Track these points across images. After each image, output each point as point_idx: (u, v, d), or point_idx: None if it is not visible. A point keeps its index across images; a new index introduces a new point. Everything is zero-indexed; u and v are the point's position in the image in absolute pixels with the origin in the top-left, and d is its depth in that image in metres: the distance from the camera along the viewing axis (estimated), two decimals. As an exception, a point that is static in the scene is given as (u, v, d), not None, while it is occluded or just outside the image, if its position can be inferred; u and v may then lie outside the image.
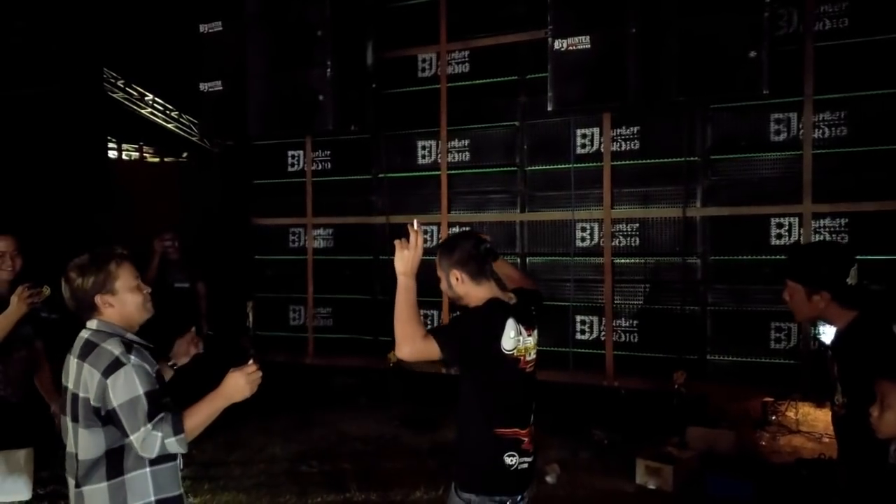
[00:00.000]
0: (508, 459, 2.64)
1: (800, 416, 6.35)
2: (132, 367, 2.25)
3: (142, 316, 2.49)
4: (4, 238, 3.68)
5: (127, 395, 2.22)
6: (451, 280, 2.69)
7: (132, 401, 2.22)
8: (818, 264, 2.61)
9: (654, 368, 5.90)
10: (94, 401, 2.25)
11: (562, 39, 5.03)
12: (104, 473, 2.29)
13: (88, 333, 2.40)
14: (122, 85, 11.12)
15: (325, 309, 7.18)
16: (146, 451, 2.24)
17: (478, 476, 2.67)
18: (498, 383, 2.65)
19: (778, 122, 5.48)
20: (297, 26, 5.58)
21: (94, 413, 2.26)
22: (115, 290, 2.41)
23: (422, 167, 6.73)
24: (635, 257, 5.97)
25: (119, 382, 2.23)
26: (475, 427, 2.68)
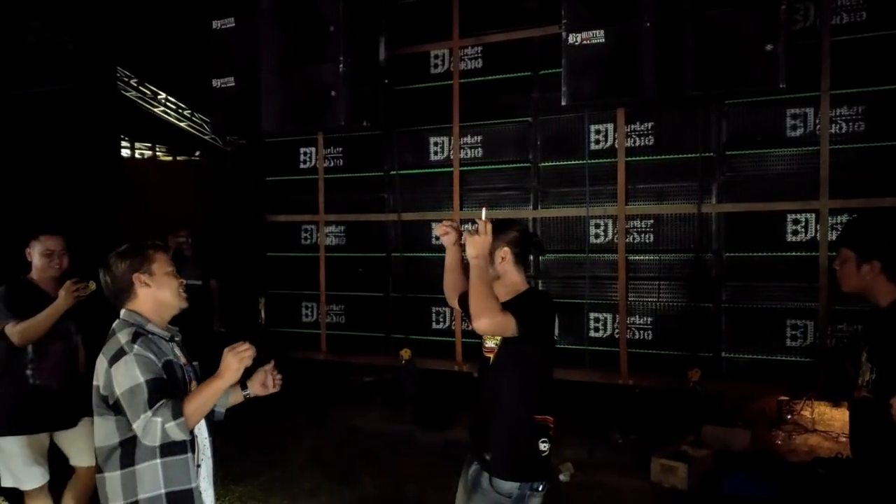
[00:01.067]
0: (542, 445, 2.72)
1: (816, 415, 6.31)
2: (133, 357, 2.28)
3: (178, 302, 2.54)
4: (54, 238, 3.84)
5: (128, 384, 2.26)
6: (497, 256, 2.76)
7: (133, 389, 2.25)
8: (874, 234, 2.61)
9: (668, 366, 5.85)
10: (102, 389, 2.31)
11: (576, 33, 4.99)
12: (118, 462, 2.32)
13: (114, 324, 2.45)
14: (135, 84, 11.18)
15: (337, 306, 7.17)
16: (148, 438, 2.25)
17: (520, 464, 2.72)
18: (546, 369, 2.77)
19: (794, 117, 5.42)
20: (309, 22, 5.56)
21: (103, 401, 2.31)
22: (153, 271, 2.48)
23: (434, 164, 6.70)
24: (649, 254, 5.92)
25: (120, 371, 2.27)
26: (520, 414, 2.73)
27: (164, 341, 2.47)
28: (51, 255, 3.79)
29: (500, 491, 2.67)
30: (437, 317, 6.72)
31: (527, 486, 2.68)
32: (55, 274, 3.80)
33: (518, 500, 2.67)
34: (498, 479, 2.69)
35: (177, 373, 2.44)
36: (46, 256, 3.78)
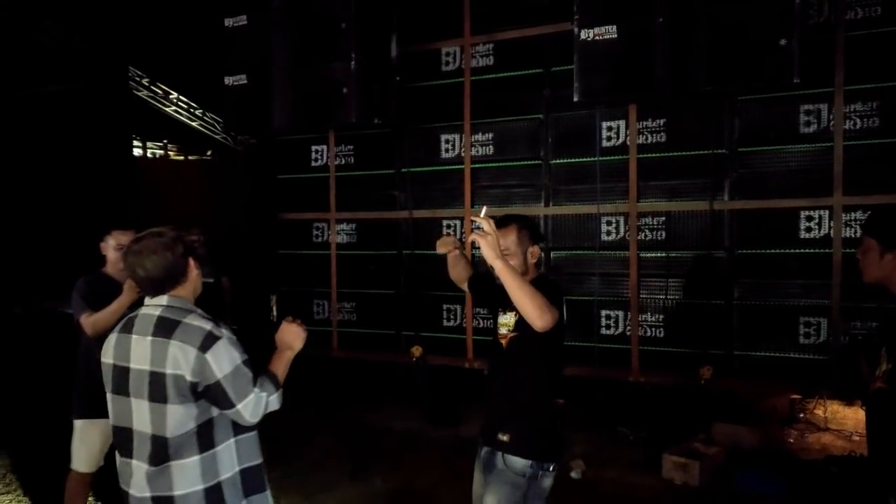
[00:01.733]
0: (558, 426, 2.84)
1: (828, 413, 6.26)
2: (227, 340, 2.29)
3: (199, 290, 2.53)
4: (126, 233, 3.91)
5: (230, 366, 2.26)
6: (529, 255, 2.86)
7: (235, 371, 2.27)
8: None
9: (680, 363, 5.84)
10: (191, 376, 2.24)
11: (588, 29, 4.98)
12: (196, 447, 2.29)
13: (160, 310, 2.37)
14: (146, 83, 11.24)
15: (349, 303, 7.19)
16: (254, 415, 2.30)
17: (538, 443, 2.78)
18: (562, 353, 2.84)
19: (808, 113, 5.40)
20: (321, 19, 5.58)
21: (191, 389, 2.25)
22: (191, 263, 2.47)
23: (445, 161, 6.71)
24: (661, 251, 5.91)
25: (220, 356, 2.26)
26: (539, 396, 2.82)
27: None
28: (122, 249, 3.80)
29: (514, 469, 2.74)
30: (448, 314, 6.73)
31: (539, 466, 2.75)
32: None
33: (532, 479, 2.74)
34: (512, 456, 2.75)
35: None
36: (118, 250, 3.86)
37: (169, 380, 2.26)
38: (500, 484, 2.78)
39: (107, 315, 3.68)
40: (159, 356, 2.28)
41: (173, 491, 2.29)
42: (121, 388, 2.38)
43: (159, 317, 2.35)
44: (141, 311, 2.41)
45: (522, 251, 2.83)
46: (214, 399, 2.27)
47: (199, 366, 2.24)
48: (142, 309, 2.42)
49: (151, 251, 2.39)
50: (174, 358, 2.25)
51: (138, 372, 2.32)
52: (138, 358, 2.33)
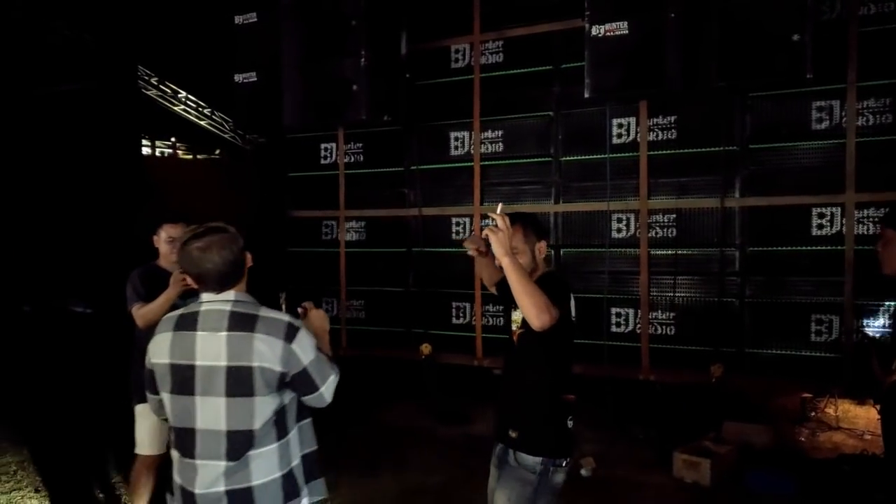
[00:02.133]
0: (569, 423, 2.80)
1: (840, 412, 6.23)
2: (304, 330, 2.33)
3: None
4: (176, 226, 3.98)
5: (312, 354, 2.30)
6: (537, 251, 2.87)
7: (317, 357, 2.31)
8: None
9: (690, 361, 5.82)
10: (280, 367, 2.24)
11: (599, 25, 4.97)
12: (275, 435, 2.31)
13: (230, 305, 2.32)
14: (155, 82, 11.27)
15: (357, 301, 7.19)
16: (331, 394, 2.38)
17: (547, 439, 2.77)
18: (569, 348, 2.84)
19: (820, 109, 5.37)
20: (331, 16, 5.58)
21: (279, 379, 2.26)
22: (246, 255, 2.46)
23: (454, 158, 6.70)
24: (672, 248, 5.89)
25: (304, 344, 2.29)
26: (547, 392, 2.80)
27: None
28: (173, 242, 3.93)
29: (524, 466, 2.73)
30: (458, 312, 6.72)
31: (550, 462, 2.73)
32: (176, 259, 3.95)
33: (542, 475, 2.73)
34: (522, 453, 2.75)
35: None
36: (169, 243, 3.94)
37: (256, 372, 2.24)
38: (511, 480, 2.78)
39: (154, 308, 3.75)
40: (241, 350, 2.25)
41: (252, 482, 2.28)
42: (184, 388, 2.31)
43: (232, 312, 2.30)
44: (203, 308, 2.33)
45: (530, 248, 2.83)
46: (300, 386, 2.31)
47: (287, 356, 2.25)
48: (202, 306, 2.34)
49: (220, 246, 2.35)
50: (260, 351, 2.24)
51: (209, 369, 2.27)
52: (209, 355, 2.27)
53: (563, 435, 2.79)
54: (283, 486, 2.32)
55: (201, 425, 2.29)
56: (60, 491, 4.89)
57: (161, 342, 2.36)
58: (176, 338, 2.33)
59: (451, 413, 6.34)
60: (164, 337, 2.36)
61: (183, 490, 2.34)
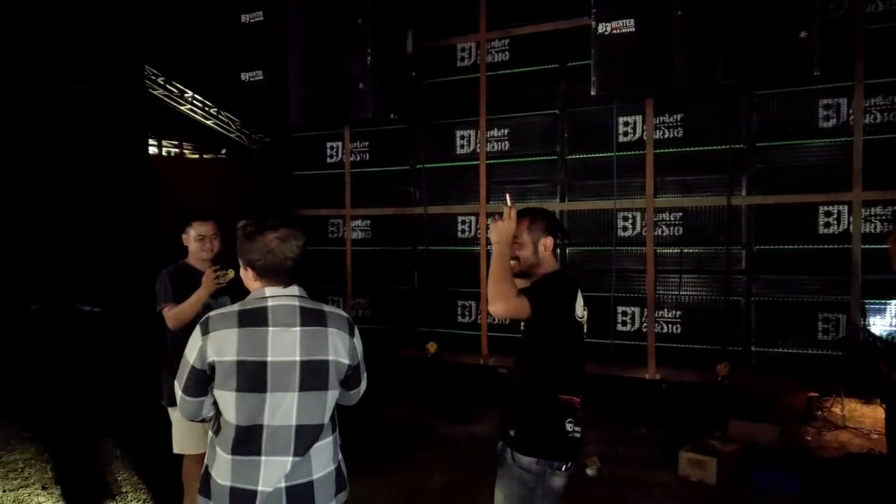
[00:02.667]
0: (568, 426, 2.71)
1: (846, 411, 6.22)
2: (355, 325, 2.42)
3: None
4: (205, 223, 3.99)
5: (362, 348, 2.43)
6: (540, 246, 2.81)
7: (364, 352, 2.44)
8: None
9: (696, 360, 5.81)
10: (349, 360, 2.34)
11: (605, 23, 4.97)
12: (331, 428, 2.38)
13: (297, 300, 2.31)
14: (162, 82, 11.27)
15: (363, 299, 7.19)
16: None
17: (542, 440, 2.71)
18: (569, 348, 2.76)
19: (827, 107, 5.35)
20: (337, 14, 5.59)
21: (347, 371, 2.35)
22: None
23: (460, 157, 6.70)
24: (678, 247, 5.87)
25: (359, 338, 2.41)
26: (542, 392, 2.74)
27: None
28: (202, 240, 3.95)
29: (520, 465, 2.69)
30: (463, 310, 6.72)
31: (547, 464, 2.67)
32: (207, 257, 3.95)
33: (539, 476, 2.67)
34: (518, 453, 2.71)
35: None
36: (199, 241, 3.94)
37: (332, 366, 2.30)
38: (508, 478, 2.75)
39: (186, 308, 3.73)
40: (317, 345, 2.27)
41: (313, 475, 2.29)
42: (254, 385, 2.22)
43: (301, 307, 2.29)
44: (270, 304, 2.28)
45: (533, 241, 2.79)
46: (353, 379, 2.41)
47: (353, 350, 2.35)
48: (268, 301, 2.28)
49: (296, 237, 2.34)
50: (335, 345, 2.30)
51: (283, 364, 2.22)
52: (282, 350, 2.22)
53: (562, 437, 2.69)
54: (335, 478, 2.37)
55: (270, 421, 2.23)
56: (68, 488, 4.91)
57: (225, 339, 2.23)
58: (243, 334, 2.24)
59: (457, 412, 6.34)
60: (229, 334, 2.23)
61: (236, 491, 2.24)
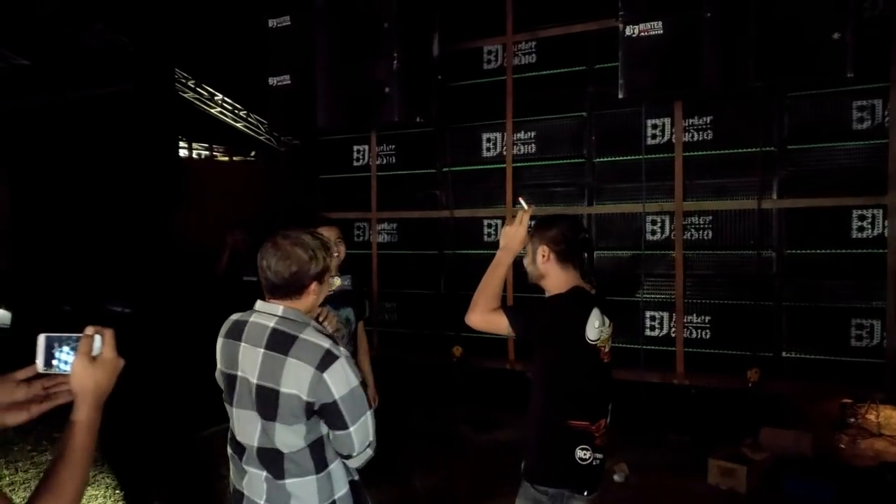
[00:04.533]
0: (581, 453, 2.58)
1: (882, 419, 6.08)
2: (344, 360, 2.17)
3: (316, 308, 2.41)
4: (329, 228, 3.95)
5: (347, 388, 2.15)
6: (538, 255, 2.68)
7: (352, 392, 2.16)
8: None
9: (726, 366, 5.71)
10: (307, 396, 2.13)
11: (633, 25, 4.90)
12: (312, 467, 2.22)
13: (274, 321, 2.23)
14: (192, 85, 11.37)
15: (390, 303, 7.19)
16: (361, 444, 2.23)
17: (550, 470, 2.61)
18: (575, 372, 2.60)
19: (861, 109, 5.24)
20: (364, 18, 5.59)
21: (305, 409, 2.15)
22: (324, 279, 2.31)
23: (487, 160, 6.67)
24: (708, 251, 5.79)
25: (338, 376, 2.14)
26: (548, 418, 2.63)
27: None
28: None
29: (537, 490, 2.61)
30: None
31: (559, 493, 2.59)
32: (335, 264, 3.95)
33: (555, 499, 2.59)
34: (534, 483, 2.62)
35: None
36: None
37: (283, 398, 2.16)
38: (524, 500, 2.67)
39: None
40: (272, 372, 2.17)
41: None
42: (229, 397, 2.31)
43: (274, 329, 2.22)
44: (251, 318, 2.29)
45: (532, 250, 2.69)
46: (329, 418, 2.18)
47: (318, 385, 2.13)
48: (253, 315, 2.30)
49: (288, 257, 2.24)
50: (290, 376, 2.15)
51: (246, 382, 2.24)
52: (247, 368, 2.24)
53: (571, 466, 2.57)
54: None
55: (240, 437, 2.28)
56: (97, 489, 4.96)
57: (218, 347, 2.33)
58: (225, 345, 2.31)
59: (483, 419, 6.31)
60: (219, 342, 2.33)
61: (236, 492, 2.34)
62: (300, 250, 2.24)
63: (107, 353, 1.51)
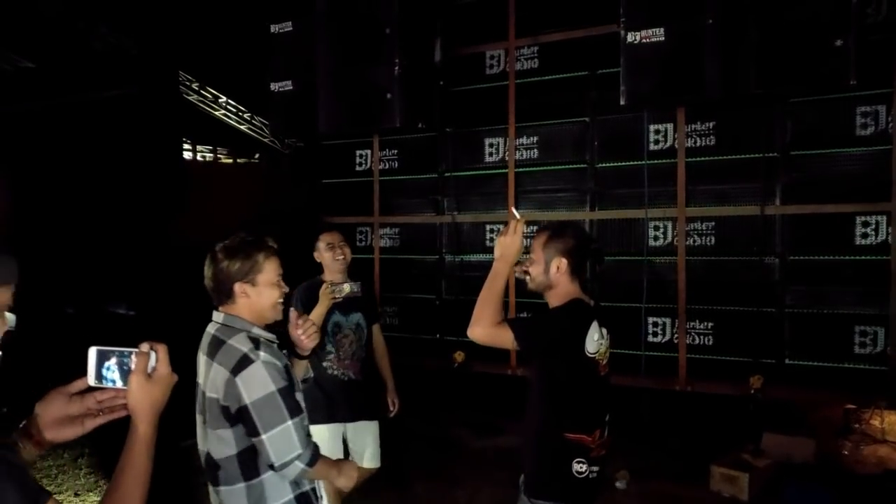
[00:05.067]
0: (578, 466, 2.55)
1: (885, 424, 6.04)
2: (262, 364, 2.15)
3: (273, 315, 2.37)
4: (331, 233, 4.16)
5: (260, 392, 2.13)
6: (552, 266, 2.63)
7: (266, 397, 2.14)
8: None
9: (729, 372, 5.70)
10: (223, 399, 2.16)
11: (634, 32, 4.88)
12: (240, 474, 2.20)
13: (215, 328, 2.30)
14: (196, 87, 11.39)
15: (391, 308, 7.19)
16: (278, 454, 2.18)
17: (548, 484, 2.58)
18: (574, 385, 2.57)
19: (864, 115, 5.21)
20: (365, 24, 5.58)
21: (223, 413, 2.16)
22: (257, 281, 2.30)
23: (489, 165, 6.66)
24: (710, 256, 5.77)
25: (251, 379, 2.14)
26: (545, 431, 2.60)
27: (274, 345, 2.33)
28: (333, 248, 4.05)
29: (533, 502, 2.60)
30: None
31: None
32: (342, 267, 4.06)
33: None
34: (531, 497, 2.60)
35: (293, 376, 2.34)
36: (330, 249, 4.04)
37: (209, 403, 2.21)
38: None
39: None
40: (206, 376, 2.24)
41: None
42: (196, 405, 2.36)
43: (212, 335, 2.28)
44: (207, 328, 2.35)
45: (546, 260, 2.62)
46: (246, 424, 2.16)
47: (231, 389, 2.14)
48: (208, 325, 2.36)
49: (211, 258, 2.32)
50: (213, 380, 2.19)
51: (200, 390, 2.31)
52: (202, 377, 2.30)
53: (568, 480, 2.54)
54: None
55: (200, 445, 2.34)
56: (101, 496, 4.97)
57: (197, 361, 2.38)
58: (199, 358, 2.35)
59: (483, 424, 6.30)
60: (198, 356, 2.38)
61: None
62: (221, 254, 2.29)
63: (162, 370, 1.52)
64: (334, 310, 3.92)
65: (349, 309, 4.00)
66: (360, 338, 4.11)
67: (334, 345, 4.01)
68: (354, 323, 4.09)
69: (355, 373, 4.07)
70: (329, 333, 3.97)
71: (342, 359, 4.03)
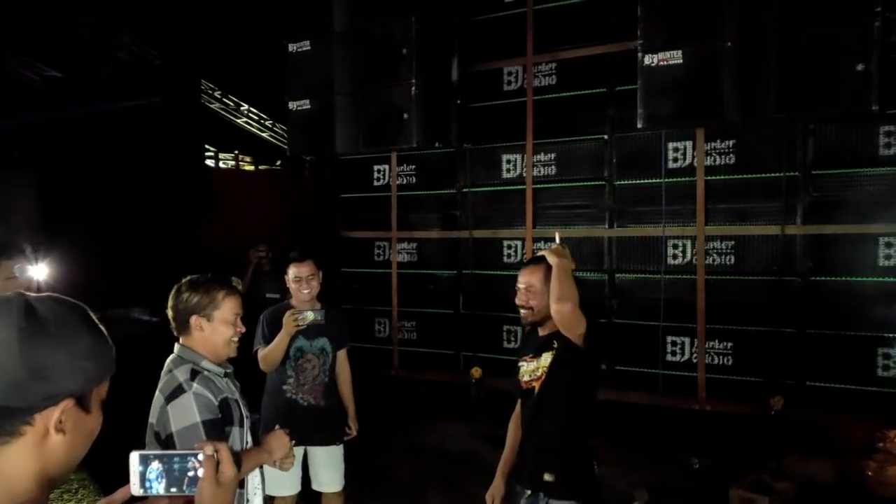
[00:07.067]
0: (596, 468, 2.81)
1: (911, 443, 5.95)
2: (192, 395, 2.26)
3: (226, 352, 2.47)
4: (302, 264, 4.06)
5: (184, 422, 2.23)
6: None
7: (189, 427, 2.23)
8: None
9: (748, 393, 5.64)
10: (156, 425, 2.29)
11: (652, 54, 4.83)
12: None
13: (169, 359, 2.44)
14: (218, 96, 11.49)
15: (409, 322, 7.20)
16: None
17: (581, 484, 2.76)
18: (594, 393, 2.83)
19: (888, 134, 5.13)
20: (382, 45, 5.60)
21: (155, 438, 2.27)
22: (213, 317, 2.41)
23: (506, 181, 6.65)
24: (730, 276, 5.71)
25: (178, 409, 2.25)
26: (576, 435, 2.79)
27: (220, 378, 2.43)
28: (300, 281, 4.02)
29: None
30: (509, 335, 6.66)
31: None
32: (306, 298, 4.03)
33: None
34: (554, 499, 2.72)
35: (233, 409, 2.42)
36: (296, 282, 4.02)
37: (149, 427, 2.33)
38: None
39: (271, 350, 3.84)
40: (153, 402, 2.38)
41: None
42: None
43: (167, 366, 2.42)
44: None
45: (546, 291, 2.74)
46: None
47: (161, 416, 2.28)
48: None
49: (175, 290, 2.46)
50: (153, 406, 2.33)
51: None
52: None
53: (592, 480, 2.78)
54: None
55: None
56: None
57: None
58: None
59: (501, 438, 6.27)
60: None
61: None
62: (185, 287, 2.42)
63: (228, 471, 1.41)
64: (298, 335, 3.95)
65: (314, 334, 4.02)
66: (323, 363, 4.11)
67: (294, 369, 4.02)
68: (319, 348, 4.09)
69: (315, 397, 4.07)
70: (291, 358, 3.99)
71: (301, 384, 4.04)
